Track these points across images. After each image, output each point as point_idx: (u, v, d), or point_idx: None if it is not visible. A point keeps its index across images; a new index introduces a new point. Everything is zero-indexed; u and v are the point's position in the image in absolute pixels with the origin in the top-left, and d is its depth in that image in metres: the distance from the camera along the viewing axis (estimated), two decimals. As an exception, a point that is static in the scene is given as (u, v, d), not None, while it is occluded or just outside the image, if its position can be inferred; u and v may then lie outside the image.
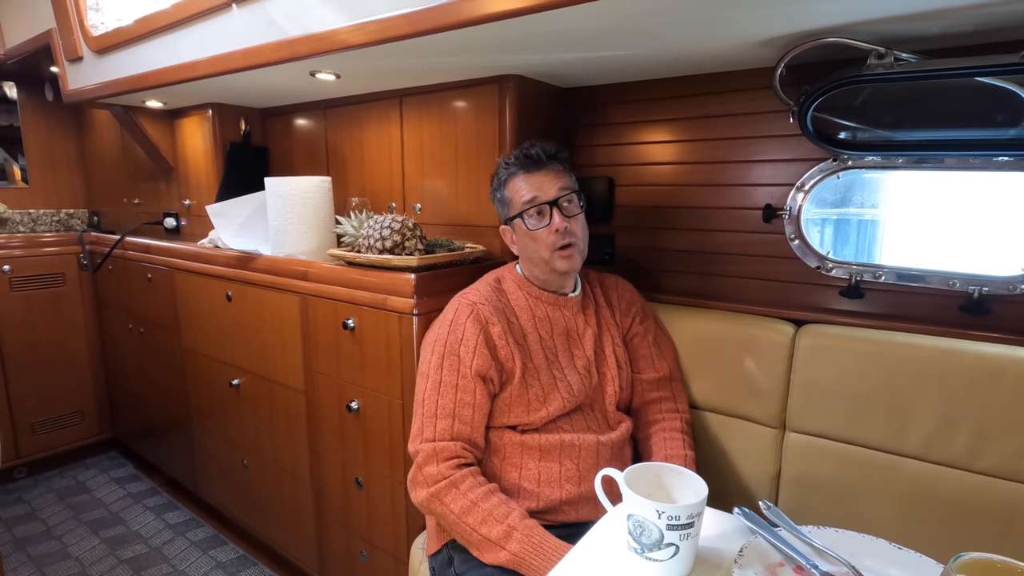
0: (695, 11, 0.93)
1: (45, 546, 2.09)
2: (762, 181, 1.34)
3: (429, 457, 1.04)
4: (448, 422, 1.06)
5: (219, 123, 2.05)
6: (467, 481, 1.02)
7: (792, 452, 1.22)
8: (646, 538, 0.70)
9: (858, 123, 1.18)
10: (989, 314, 1.13)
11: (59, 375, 2.58)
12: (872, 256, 1.28)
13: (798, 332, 1.23)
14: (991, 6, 0.86)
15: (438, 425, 1.06)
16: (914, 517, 1.09)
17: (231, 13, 1.42)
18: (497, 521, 0.98)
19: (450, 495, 1.01)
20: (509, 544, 0.96)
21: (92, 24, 1.87)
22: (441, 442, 1.05)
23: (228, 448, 1.98)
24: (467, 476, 1.03)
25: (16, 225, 2.68)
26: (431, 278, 1.32)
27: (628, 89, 1.49)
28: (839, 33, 1.01)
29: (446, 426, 1.06)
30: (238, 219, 1.86)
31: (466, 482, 1.02)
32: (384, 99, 1.71)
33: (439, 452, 1.04)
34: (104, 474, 2.61)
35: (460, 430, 1.06)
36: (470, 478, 1.03)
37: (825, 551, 0.73)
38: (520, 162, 1.16)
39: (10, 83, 2.64)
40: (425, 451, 1.05)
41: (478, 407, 1.07)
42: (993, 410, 1.02)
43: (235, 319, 1.82)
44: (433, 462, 1.04)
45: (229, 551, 2.05)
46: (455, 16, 1.00)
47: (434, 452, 1.04)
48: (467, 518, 0.99)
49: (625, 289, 1.33)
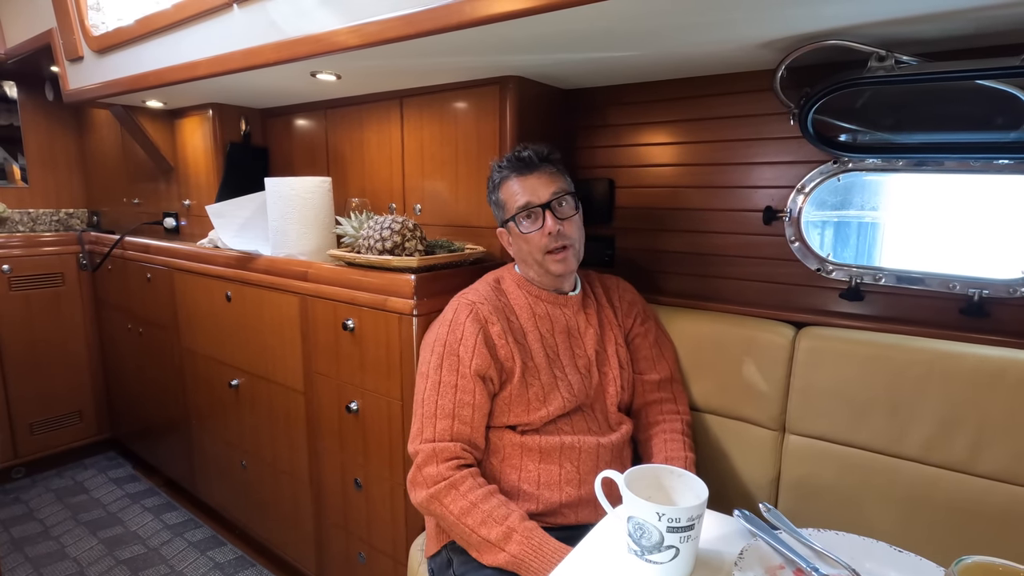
0: (696, 14, 0.93)
1: (43, 546, 2.08)
2: (762, 183, 1.34)
3: (428, 458, 1.04)
4: (448, 422, 1.06)
5: (219, 123, 2.05)
6: (467, 482, 1.02)
7: (792, 455, 1.22)
8: (646, 540, 0.69)
9: (859, 125, 1.18)
10: (989, 317, 1.12)
11: (58, 375, 2.57)
12: (872, 259, 1.28)
13: (798, 334, 1.23)
14: (992, 9, 0.86)
15: (437, 425, 1.06)
16: (915, 520, 1.09)
17: (232, 13, 1.42)
18: (496, 523, 0.98)
19: (449, 496, 1.01)
20: (509, 546, 0.95)
21: (93, 24, 1.87)
22: (441, 443, 1.05)
23: (227, 449, 1.98)
24: (467, 477, 1.03)
25: (16, 224, 2.68)
26: (431, 279, 1.32)
27: (628, 91, 1.49)
28: (840, 36, 1.01)
29: (446, 426, 1.05)
30: (238, 219, 1.86)
31: (466, 483, 1.02)
32: (385, 100, 1.71)
33: (439, 453, 1.04)
34: (102, 474, 2.60)
35: (460, 430, 1.06)
36: (470, 479, 1.03)
37: (825, 554, 0.73)
38: (512, 165, 1.16)
39: (10, 82, 2.64)
40: (424, 452, 1.05)
41: (478, 407, 1.07)
42: (993, 413, 1.02)
43: (235, 319, 1.82)
44: (433, 463, 1.04)
45: (227, 552, 2.04)
46: (455, 17, 1.00)
47: (433, 453, 1.04)
48: (466, 519, 0.99)
49: (626, 290, 1.33)
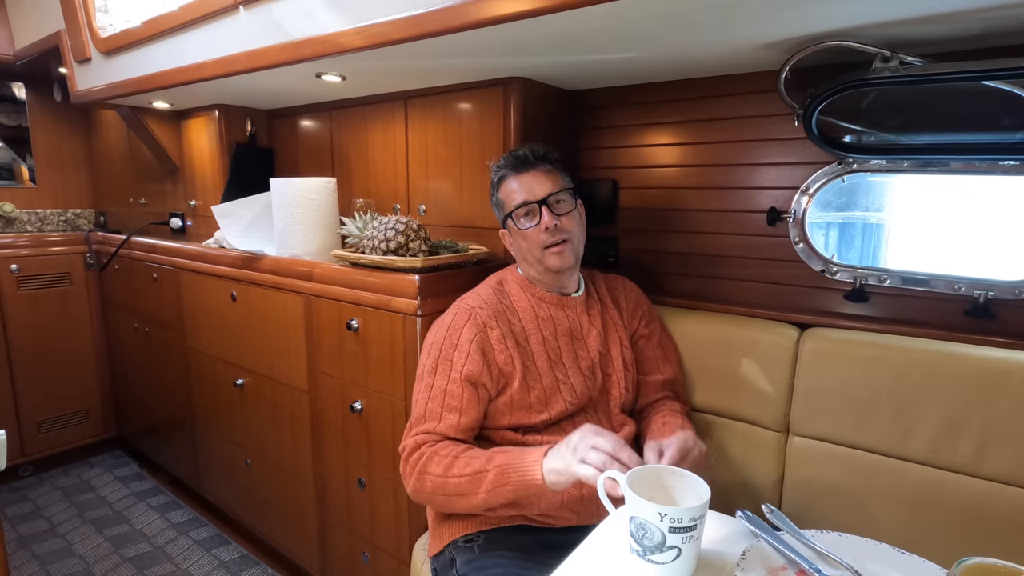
0: (699, 15, 0.93)
1: (49, 544, 2.10)
2: (766, 184, 1.33)
3: (411, 449, 1.08)
4: (434, 424, 1.08)
5: (225, 124, 2.06)
6: (447, 447, 1.05)
7: (796, 456, 1.22)
8: (648, 540, 0.70)
9: (863, 126, 1.18)
10: (994, 318, 1.12)
11: (65, 374, 2.60)
12: (877, 260, 1.28)
13: (802, 336, 1.23)
14: (998, 10, 0.86)
15: (425, 426, 1.08)
16: (918, 522, 1.08)
17: (238, 15, 1.43)
18: (477, 458, 1.01)
19: (432, 462, 1.04)
20: (492, 462, 0.98)
21: (100, 25, 1.89)
22: (423, 435, 1.08)
23: (231, 448, 1.99)
24: (447, 444, 1.06)
25: (23, 224, 2.70)
26: (435, 279, 1.32)
27: (632, 92, 1.49)
28: (844, 36, 1.01)
29: (431, 427, 1.08)
30: (243, 220, 1.87)
31: (446, 448, 1.05)
32: (389, 101, 1.72)
33: (420, 443, 1.07)
34: (108, 473, 2.62)
35: (443, 432, 1.08)
36: (450, 445, 1.05)
37: (828, 555, 0.73)
38: (509, 163, 1.18)
39: (19, 84, 2.66)
40: (409, 445, 1.08)
41: (464, 411, 1.08)
42: (998, 415, 1.01)
43: (240, 319, 1.83)
44: (415, 451, 1.07)
45: (232, 550, 2.05)
46: (459, 19, 1.01)
47: (416, 444, 1.07)
48: (452, 471, 1.01)
49: (631, 291, 1.32)
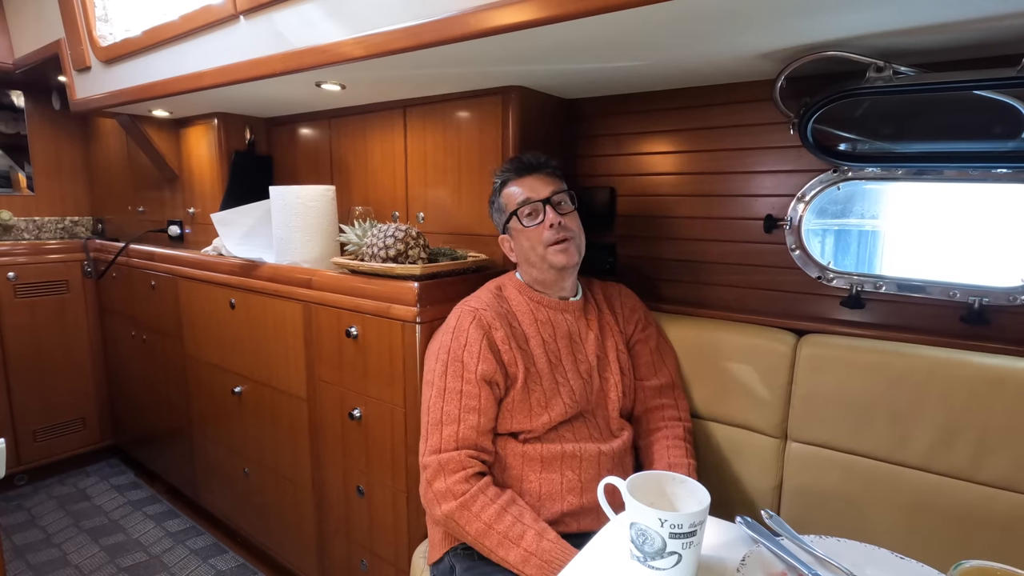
0: (695, 25, 0.95)
1: (45, 553, 2.08)
2: (763, 192, 1.35)
3: (436, 472, 1.04)
4: (453, 427, 1.06)
5: (224, 132, 2.07)
6: (479, 501, 1.01)
7: (794, 462, 1.22)
8: (648, 546, 0.70)
9: (858, 135, 1.19)
10: (989, 324, 1.13)
11: (62, 382, 2.58)
12: (873, 267, 1.29)
13: (799, 342, 1.23)
14: (989, 21, 0.87)
15: (443, 432, 1.06)
16: (916, 527, 1.09)
17: (238, 24, 1.44)
18: (513, 543, 0.98)
19: (464, 518, 1.01)
20: (527, 568, 0.96)
21: (100, 34, 1.90)
22: (446, 453, 1.04)
23: (229, 456, 1.98)
24: (478, 494, 1.02)
25: (21, 232, 2.69)
26: (434, 287, 1.33)
27: (630, 100, 1.50)
28: (839, 47, 1.02)
29: (451, 432, 1.05)
30: (242, 227, 1.88)
31: (477, 502, 1.01)
32: (388, 109, 1.73)
33: (444, 465, 1.04)
34: (105, 481, 2.60)
35: (465, 435, 1.06)
36: (481, 496, 1.02)
37: (827, 560, 0.73)
38: (511, 168, 1.22)
39: (18, 92, 2.67)
40: (432, 466, 1.05)
41: (483, 411, 1.07)
42: (994, 420, 1.02)
43: (238, 327, 1.82)
44: (440, 477, 1.03)
45: (229, 559, 2.04)
46: (458, 29, 1.02)
47: (440, 466, 1.04)
48: (484, 541, 1.00)
49: (628, 296, 1.34)
